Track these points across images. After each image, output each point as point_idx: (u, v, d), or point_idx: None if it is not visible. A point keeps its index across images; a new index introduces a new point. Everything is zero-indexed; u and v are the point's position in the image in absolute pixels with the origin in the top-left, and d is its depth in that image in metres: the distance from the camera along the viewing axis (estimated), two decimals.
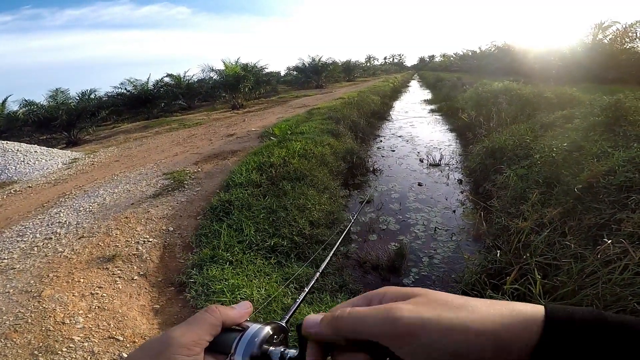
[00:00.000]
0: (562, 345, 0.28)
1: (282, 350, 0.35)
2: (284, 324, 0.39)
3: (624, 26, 12.27)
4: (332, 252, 0.71)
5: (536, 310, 0.29)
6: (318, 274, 0.62)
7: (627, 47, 11.91)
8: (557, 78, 11.67)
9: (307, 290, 0.52)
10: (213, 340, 0.35)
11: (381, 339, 0.30)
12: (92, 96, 13.71)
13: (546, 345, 0.28)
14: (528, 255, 2.69)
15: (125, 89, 16.05)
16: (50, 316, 2.44)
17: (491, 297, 2.45)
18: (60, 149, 9.54)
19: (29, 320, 2.41)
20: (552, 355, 0.28)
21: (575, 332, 0.28)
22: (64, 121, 10.86)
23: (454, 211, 4.59)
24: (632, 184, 2.91)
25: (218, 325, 0.35)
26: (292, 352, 0.35)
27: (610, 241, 2.28)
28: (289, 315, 0.43)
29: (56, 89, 12.80)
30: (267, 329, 0.36)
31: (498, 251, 3.00)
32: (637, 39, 11.85)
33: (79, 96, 13.21)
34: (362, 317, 0.31)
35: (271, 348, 0.36)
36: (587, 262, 2.32)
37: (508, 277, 2.48)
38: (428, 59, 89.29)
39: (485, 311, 0.30)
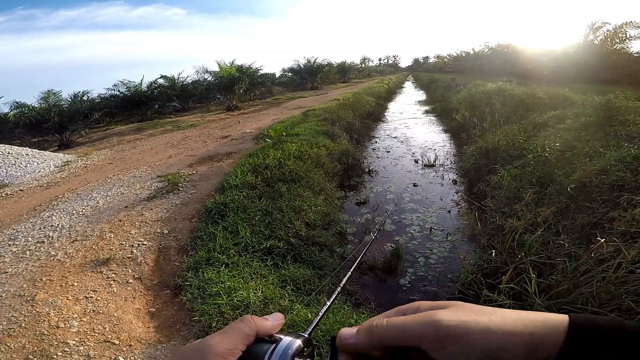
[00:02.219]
0: (584, 348, 0.30)
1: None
2: (310, 337, 0.40)
3: (613, 27, 12.47)
4: (353, 267, 0.71)
5: (561, 317, 0.32)
6: (339, 288, 0.63)
7: (617, 47, 12.09)
8: (549, 79, 11.81)
9: (329, 304, 0.53)
10: (246, 350, 0.35)
11: (423, 343, 0.32)
12: (85, 98, 13.57)
13: (570, 347, 0.30)
14: (523, 254, 2.71)
15: (119, 90, 15.89)
16: (44, 320, 2.41)
17: (487, 297, 2.47)
18: (52, 151, 9.42)
19: (23, 325, 2.37)
20: (575, 357, 0.30)
21: (596, 336, 0.30)
22: (56, 123, 10.73)
23: (449, 211, 4.61)
24: (624, 182, 2.95)
25: (252, 336, 0.36)
26: None
27: (603, 240, 2.30)
28: (311, 327, 0.43)
29: (48, 90, 12.65)
30: (299, 342, 0.37)
31: (493, 251, 3.02)
32: (627, 40, 12.04)
33: (71, 98, 13.07)
34: (403, 324, 0.34)
35: None
36: (581, 260, 2.35)
37: (504, 277, 2.50)
38: (422, 60, 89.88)
39: (515, 316, 0.33)
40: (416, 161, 7.03)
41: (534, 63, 14.38)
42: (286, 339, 0.37)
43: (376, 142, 9.21)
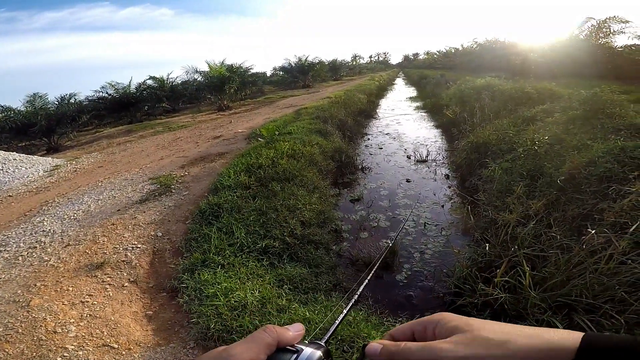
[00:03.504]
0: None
1: None
2: (328, 348, 0.41)
3: (597, 22, 12.68)
4: (371, 274, 0.72)
5: (574, 336, 0.33)
6: (356, 296, 0.65)
7: (602, 42, 12.29)
8: (536, 73, 11.95)
9: (345, 312, 0.54)
10: (267, 359, 0.36)
11: None
12: (72, 100, 13.35)
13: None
14: (516, 247, 2.74)
15: (107, 92, 15.66)
16: (41, 326, 2.39)
17: (483, 290, 2.49)
18: (40, 155, 9.25)
19: (20, 330, 2.35)
20: None
21: (608, 351, 0.30)
22: (43, 127, 10.54)
23: (443, 206, 4.66)
24: (612, 174, 3.01)
25: (274, 345, 0.37)
26: None
27: (594, 231, 2.33)
28: (328, 335, 0.44)
29: (34, 93, 12.44)
30: (319, 353, 0.38)
31: (487, 244, 3.06)
32: (611, 35, 12.25)
33: (58, 101, 12.85)
34: (411, 353, 0.36)
35: None
36: (573, 252, 2.38)
37: (498, 270, 2.53)
38: (412, 57, 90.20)
39: (523, 346, 0.33)
40: (409, 157, 7.08)
41: (521, 58, 14.55)
42: (307, 350, 0.37)
43: (369, 139, 9.24)
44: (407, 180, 5.73)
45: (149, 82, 17.39)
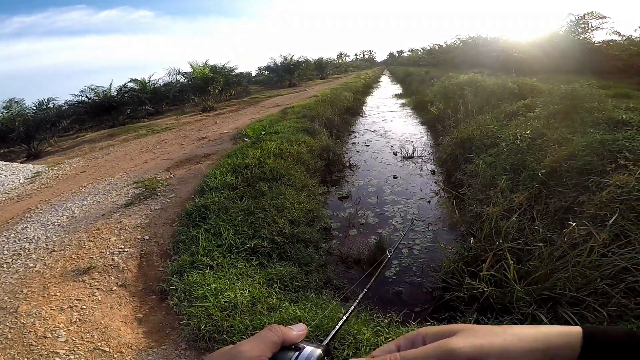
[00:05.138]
0: (600, 356, 0.32)
1: None
2: (329, 347, 0.43)
3: (576, 17, 13.03)
4: (370, 282, 0.74)
5: (574, 329, 0.34)
6: (356, 302, 0.66)
7: (581, 38, 12.64)
8: (518, 69, 12.22)
9: (346, 317, 0.55)
10: (272, 356, 0.38)
11: None
12: (51, 105, 13.00)
13: (587, 357, 0.32)
14: (500, 241, 2.79)
15: (86, 96, 15.27)
16: (30, 331, 2.35)
17: (469, 285, 2.54)
18: (20, 162, 8.99)
19: (9, 337, 2.31)
20: None
21: (611, 347, 0.32)
22: (21, 133, 10.24)
23: (429, 201, 4.73)
24: (592, 167, 3.09)
25: (279, 344, 0.39)
26: None
27: (575, 224, 2.36)
28: (329, 337, 0.46)
29: (10, 99, 12.03)
30: (319, 351, 0.40)
31: (472, 238, 3.11)
32: (589, 30, 12.61)
33: (35, 106, 12.48)
34: (417, 358, 0.35)
35: None
36: (556, 246, 2.42)
37: (484, 264, 2.57)
38: (397, 54, 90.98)
39: (527, 333, 0.34)
40: (395, 154, 7.15)
41: (503, 54, 14.85)
42: (308, 348, 0.40)
43: (356, 136, 9.30)
44: (394, 177, 5.79)
45: (130, 84, 17.04)
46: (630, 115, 4.06)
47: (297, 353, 0.39)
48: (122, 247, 3.41)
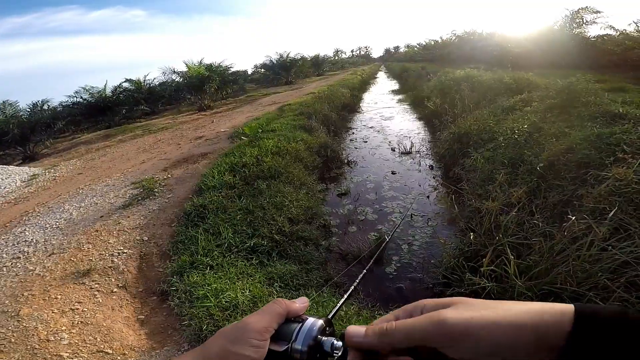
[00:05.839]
0: (590, 337, 0.32)
1: (333, 341, 0.41)
2: (331, 319, 0.45)
3: (571, 12, 13.04)
4: (374, 258, 0.73)
5: (566, 306, 0.34)
6: (356, 283, 0.67)
7: (576, 32, 12.65)
8: (514, 64, 12.22)
9: (346, 296, 0.56)
10: (278, 328, 0.41)
11: (432, 342, 0.35)
12: (45, 107, 12.88)
13: (577, 336, 0.32)
14: (500, 236, 2.77)
15: (81, 97, 15.10)
16: (33, 334, 2.35)
17: (470, 280, 2.54)
18: (16, 165, 8.93)
19: (12, 340, 2.31)
20: (583, 343, 0.32)
21: (601, 325, 0.32)
22: (16, 135, 10.14)
23: (428, 196, 4.73)
24: (590, 160, 3.08)
25: (283, 316, 0.42)
26: (339, 343, 0.41)
27: (574, 218, 2.34)
28: (332, 313, 0.49)
29: (3, 101, 11.92)
30: (321, 322, 0.42)
31: (472, 233, 3.11)
32: (584, 25, 12.63)
33: (30, 108, 12.38)
34: (412, 326, 0.36)
35: (324, 338, 0.41)
36: (556, 240, 2.39)
37: (484, 259, 2.57)
38: (393, 50, 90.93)
39: (520, 308, 0.35)
40: (393, 149, 7.15)
41: (499, 50, 14.85)
42: (311, 319, 0.42)
43: (353, 133, 9.28)
44: (393, 173, 5.78)
45: (125, 84, 16.89)
46: (627, 108, 4.06)
47: (300, 324, 0.41)
48: (121, 248, 3.40)
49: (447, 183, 4.87)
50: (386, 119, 10.85)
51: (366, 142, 8.12)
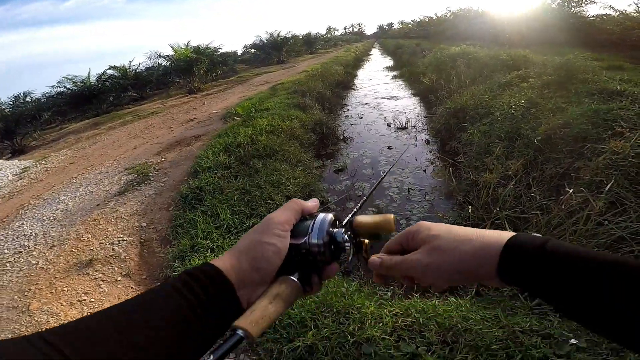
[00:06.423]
0: (513, 267, 0.38)
1: (344, 232, 0.48)
2: (337, 214, 0.52)
3: None
4: (374, 187, 0.82)
5: (504, 238, 0.40)
6: (366, 197, 0.71)
7: (574, 11, 12.40)
8: (510, 41, 11.99)
9: (362, 202, 0.65)
10: (295, 224, 0.48)
11: (411, 274, 0.48)
12: (28, 99, 12.57)
13: (503, 265, 0.38)
14: (498, 209, 2.79)
15: (65, 87, 14.63)
16: (45, 328, 2.34)
17: None
18: (6, 159, 8.77)
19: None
20: (508, 273, 0.38)
21: (521, 255, 0.38)
22: (1, 129, 9.96)
23: (424, 170, 4.72)
24: (587, 134, 3.07)
25: (300, 213, 0.49)
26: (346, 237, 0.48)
27: (572, 190, 2.35)
28: (349, 216, 0.56)
29: None
30: (331, 215, 0.49)
31: (470, 207, 3.12)
32: (583, 4, 12.35)
33: (12, 101, 12.07)
34: (398, 265, 0.49)
35: (335, 230, 0.48)
36: (553, 214, 2.40)
37: None
38: (387, 27, 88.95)
39: (471, 233, 0.43)
40: (389, 125, 7.08)
41: (495, 27, 14.54)
42: (322, 214, 0.49)
43: (348, 109, 9.17)
44: (389, 148, 5.76)
45: (110, 72, 16.31)
46: (625, 86, 4.02)
47: (313, 220, 0.48)
48: (121, 236, 3.38)
49: (443, 156, 4.86)
50: (381, 95, 10.71)
51: (361, 118, 8.03)
